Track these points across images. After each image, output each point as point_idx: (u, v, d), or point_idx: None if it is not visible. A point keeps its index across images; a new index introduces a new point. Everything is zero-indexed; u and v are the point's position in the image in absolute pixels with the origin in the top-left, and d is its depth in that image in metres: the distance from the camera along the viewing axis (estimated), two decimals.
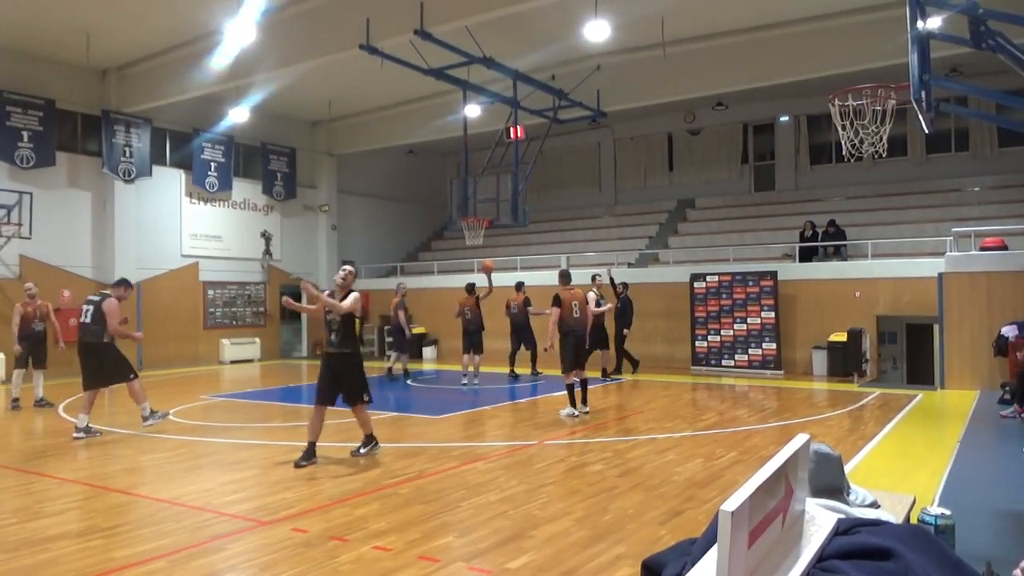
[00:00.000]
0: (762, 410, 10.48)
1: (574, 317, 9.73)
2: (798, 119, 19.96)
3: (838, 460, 2.90)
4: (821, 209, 18.00)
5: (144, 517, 5.48)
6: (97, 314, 8.79)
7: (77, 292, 16.28)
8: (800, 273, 15.26)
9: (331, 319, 7.23)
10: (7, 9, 13.32)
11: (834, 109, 8.62)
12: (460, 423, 9.69)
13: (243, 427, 9.26)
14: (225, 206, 19.53)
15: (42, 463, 7.35)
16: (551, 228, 22.37)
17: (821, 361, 14.42)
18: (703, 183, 21.33)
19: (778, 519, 1.96)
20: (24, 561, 4.52)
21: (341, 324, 7.22)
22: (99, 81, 16.94)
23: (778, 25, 14.28)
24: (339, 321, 7.20)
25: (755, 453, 7.38)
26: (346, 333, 7.24)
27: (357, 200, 23.33)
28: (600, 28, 12.60)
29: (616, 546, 4.65)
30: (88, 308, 8.94)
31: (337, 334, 7.23)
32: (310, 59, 13.85)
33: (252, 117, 18.45)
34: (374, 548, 4.66)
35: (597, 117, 16.84)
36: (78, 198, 16.66)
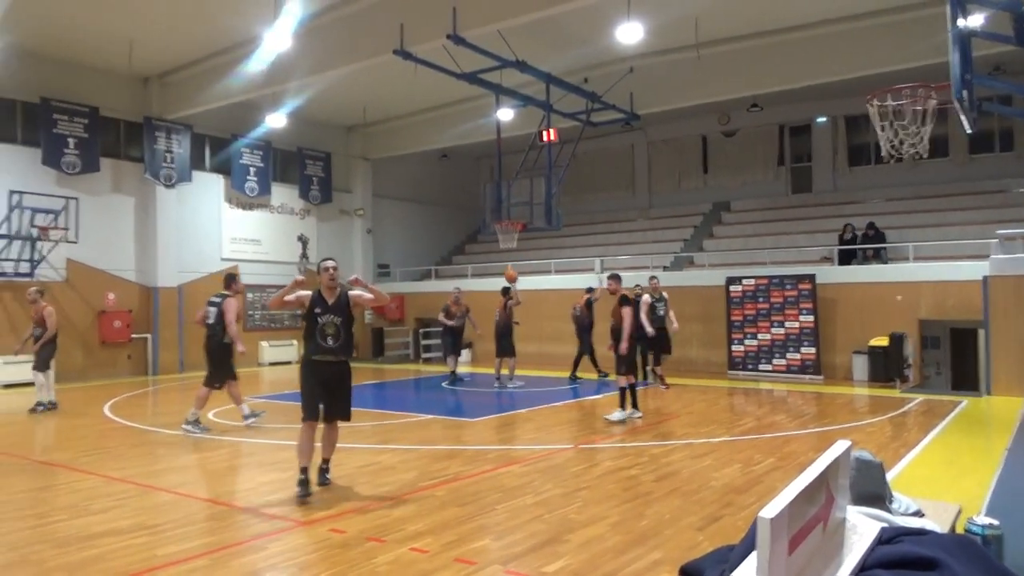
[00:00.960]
0: (801, 415, 10.34)
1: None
2: (836, 120, 19.65)
3: (880, 467, 2.86)
4: (860, 211, 17.69)
5: (186, 516, 5.60)
6: (219, 315, 9.28)
7: (121, 295, 16.74)
8: (839, 276, 15.01)
9: (328, 320, 6.19)
10: (54, 21, 13.72)
11: (873, 109, 8.48)
12: (495, 426, 9.71)
13: (281, 428, 9.40)
14: (263, 210, 19.84)
15: (90, 462, 7.54)
16: (585, 231, 22.31)
17: (862, 366, 14.16)
18: (738, 185, 21.10)
19: (818, 527, 1.95)
20: (72, 557, 4.65)
21: (344, 326, 6.25)
22: (141, 89, 17.34)
23: (815, 24, 14.08)
24: (341, 323, 6.23)
25: (794, 459, 7.28)
26: (349, 337, 6.31)
27: (392, 204, 23.54)
28: (633, 30, 12.55)
29: (653, 552, 4.63)
30: (212, 310, 9.44)
31: (336, 338, 6.21)
32: (345, 65, 14.02)
33: (289, 122, 18.72)
34: (411, 550, 4.70)
35: (630, 120, 16.78)
36: (122, 203, 17.06)
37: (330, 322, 6.18)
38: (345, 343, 6.26)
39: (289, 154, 20.56)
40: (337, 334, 6.20)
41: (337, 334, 6.20)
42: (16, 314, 15.04)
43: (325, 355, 6.18)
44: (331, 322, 6.18)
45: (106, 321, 16.31)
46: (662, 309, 13.41)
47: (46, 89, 15.59)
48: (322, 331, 6.16)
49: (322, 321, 6.16)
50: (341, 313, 6.23)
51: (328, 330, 6.17)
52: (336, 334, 6.20)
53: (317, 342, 6.17)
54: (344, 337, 6.23)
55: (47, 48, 15.17)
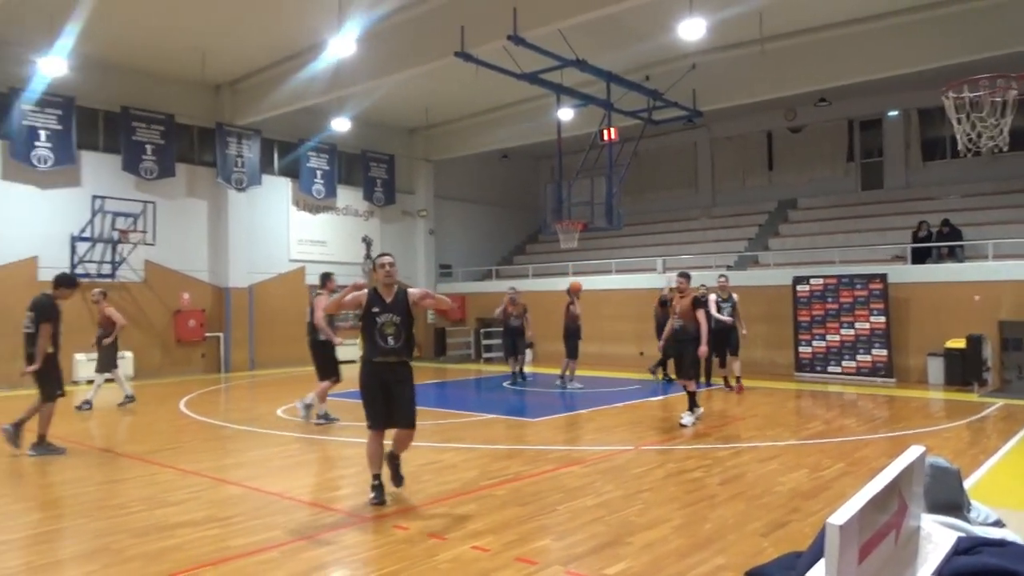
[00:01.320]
0: (872, 420, 10.02)
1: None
2: (908, 113, 18.94)
3: (957, 474, 2.75)
4: (935, 208, 17.01)
5: (257, 508, 5.78)
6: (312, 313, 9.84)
7: (195, 295, 17.38)
8: (913, 276, 14.47)
9: (387, 320, 5.81)
10: (132, 33, 14.33)
11: (948, 102, 8.17)
12: (556, 426, 9.72)
13: (347, 426, 9.61)
14: (329, 212, 20.30)
15: (166, 455, 7.86)
16: (646, 231, 22.09)
17: (937, 369, 13.62)
18: (805, 182, 20.56)
19: (891, 535, 1.89)
20: (151, 546, 4.85)
21: (404, 325, 5.85)
22: (213, 96, 17.96)
23: (885, 15, 13.61)
24: (400, 322, 5.84)
25: (865, 465, 7.06)
26: (409, 336, 5.93)
27: (453, 205, 23.78)
28: (695, 26, 12.36)
29: (716, 556, 4.56)
30: (308, 310, 10.06)
31: (397, 338, 5.82)
32: (407, 68, 14.23)
33: (353, 126, 19.10)
34: (472, 548, 4.75)
35: (693, 117, 16.54)
36: (195, 206, 17.71)
37: (389, 321, 5.79)
38: (406, 343, 5.85)
39: (353, 157, 20.99)
40: (397, 334, 5.80)
41: (397, 334, 5.80)
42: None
43: (385, 356, 5.78)
44: (390, 321, 5.80)
45: (181, 320, 16.96)
46: (728, 310, 13.06)
47: (125, 98, 16.31)
48: (381, 331, 5.78)
49: (380, 320, 5.78)
50: (400, 312, 5.84)
51: (387, 330, 5.78)
52: (396, 334, 5.80)
53: (376, 343, 5.78)
54: (404, 337, 5.83)
55: (126, 59, 15.87)
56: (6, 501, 6.20)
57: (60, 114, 15.21)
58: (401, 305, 5.88)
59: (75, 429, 9.85)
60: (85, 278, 15.56)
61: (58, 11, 12.67)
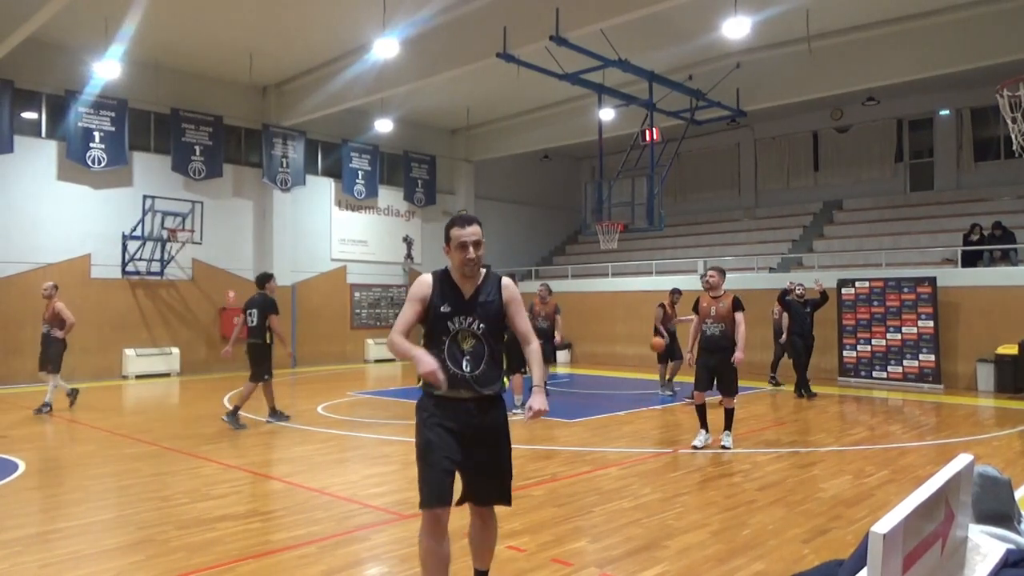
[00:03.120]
0: (918, 427, 9.76)
1: None
2: (960, 112, 18.42)
3: (1007, 484, 2.67)
4: (987, 210, 16.52)
5: (297, 504, 5.87)
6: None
7: (241, 293, 17.71)
8: (963, 279, 14.07)
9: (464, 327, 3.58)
10: (182, 37, 14.69)
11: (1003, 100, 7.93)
12: (594, 428, 9.67)
13: (386, 423, 9.71)
14: (370, 212, 20.53)
15: (210, 450, 8.03)
16: (688, 232, 21.88)
17: (987, 375, 13.22)
18: (852, 183, 20.15)
19: (936, 545, 1.84)
20: (194, 538, 4.97)
21: (489, 338, 3.60)
22: (260, 98, 18.30)
23: (936, 12, 13.27)
24: (485, 332, 3.59)
25: (910, 473, 6.89)
26: (497, 357, 3.67)
27: (493, 205, 23.85)
28: (739, 25, 12.21)
29: (755, 563, 4.49)
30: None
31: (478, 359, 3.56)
32: (449, 69, 14.31)
33: (395, 127, 19.29)
34: (508, 548, 4.75)
35: (737, 117, 16.34)
36: (242, 206, 18.07)
37: (467, 330, 3.54)
38: (489, 368, 3.55)
39: (395, 157, 21.19)
40: (479, 352, 3.52)
41: (479, 352, 3.52)
42: (148, 310, 16.20)
43: (458, 389, 3.49)
44: (469, 331, 3.54)
45: (227, 317, 17.31)
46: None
47: (175, 100, 16.71)
48: (452, 345, 3.52)
49: (453, 327, 3.52)
50: (487, 316, 3.55)
51: (464, 344, 3.53)
52: (477, 352, 3.52)
53: (443, 366, 3.43)
54: (489, 357, 3.55)
55: (177, 62, 16.27)
56: (58, 491, 6.40)
57: (113, 116, 15.66)
58: (491, 308, 3.57)
59: (123, 423, 10.13)
60: (135, 276, 16.02)
61: (112, 16, 13.05)
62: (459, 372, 3.52)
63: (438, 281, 3.63)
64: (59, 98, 15.15)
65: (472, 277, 3.61)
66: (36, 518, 5.62)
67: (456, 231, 3.55)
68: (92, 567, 4.45)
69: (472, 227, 3.55)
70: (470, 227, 3.55)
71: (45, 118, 15.25)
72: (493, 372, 3.59)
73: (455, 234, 3.55)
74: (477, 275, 3.62)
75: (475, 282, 3.61)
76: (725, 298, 8.11)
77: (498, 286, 3.65)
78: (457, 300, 3.58)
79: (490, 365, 3.57)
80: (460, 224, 3.56)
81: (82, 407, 11.19)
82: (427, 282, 3.64)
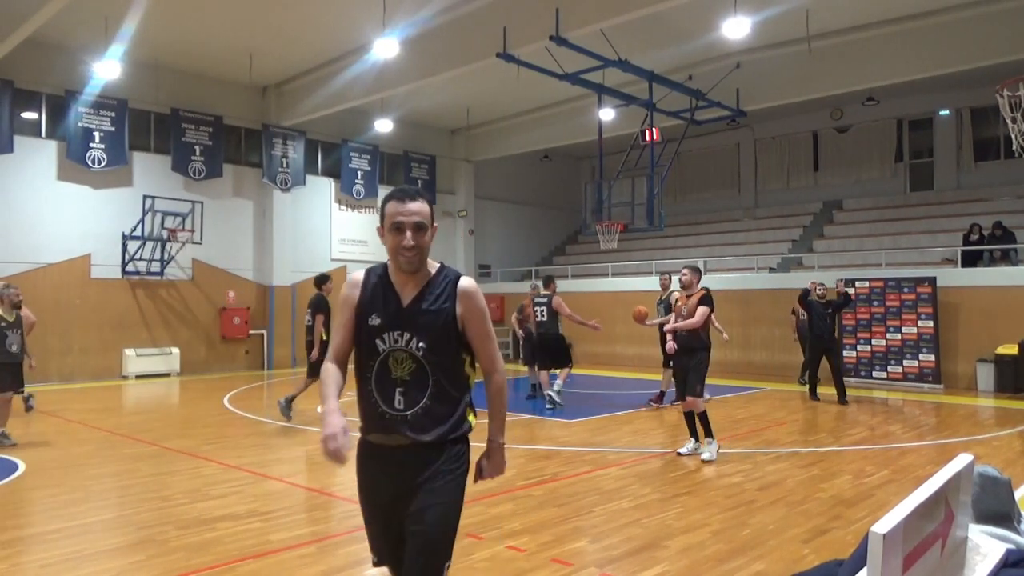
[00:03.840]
0: (918, 427, 9.76)
1: (714, 327, 8.11)
2: (960, 112, 18.42)
3: (1007, 484, 2.67)
4: (987, 210, 16.52)
5: (297, 504, 5.87)
6: (551, 312, 11.21)
7: (240, 293, 17.72)
8: (963, 279, 14.07)
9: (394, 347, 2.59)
10: (183, 37, 14.68)
11: (1003, 100, 7.93)
12: (594, 428, 9.67)
13: None
14: (370, 212, 20.53)
15: (210, 450, 8.03)
16: (688, 232, 21.88)
17: (987, 376, 13.22)
18: (852, 183, 20.15)
19: (936, 544, 1.84)
20: (194, 538, 4.97)
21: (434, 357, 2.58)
22: (260, 98, 18.30)
23: (936, 12, 13.27)
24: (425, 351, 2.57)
25: (910, 473, 6.89)
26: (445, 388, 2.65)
27: (493, 205, 23.85)
28: (739, 25, 12.22)
29: (755, 562, 4.49)
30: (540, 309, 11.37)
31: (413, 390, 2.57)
32: (450, 69, 14.30)
33: (395, 127, 19.29)
34: (508, 548, 4.76)
35: (736, 117, 16.34)
36: (241, 206, 18.06)
37: (403, 350, 2.56)
38: (436, 405, 2.56)
39: (395, 157, 21.19)
40: (419, 382, 2.55)
41: (419, 382, 2.55)
42: (148, 310, 16.20)
43: (390, 434, 2.56)
44: (405, 351, 2.55)
45: (226, 318, 17.32)
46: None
47: (176, 100, 16.71)
48: (382, 372, 2.58)
49: (383, 346, 2.57)
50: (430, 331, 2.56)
51: (397, 369, 2.56)
52: (417, 381, 2.55)
53: (371, 401, 2.58)
54: (435, 390, 2.55)
55: (177, 62, 16.26)
56: (58, 491, 6.40)
57: (113, 116, 15.65)
58: (437, 317, 2.57)
59: (123, 423, 10.13)
60: (135, 276, 16.02)
61: (112, 16, 13.04)
62: (388, 411, 2.52)
63: (370, 282, 2.64)
64: (59, 98, 15.14)
65: (414, 275, 2.58)
66: (36, 518, 5.62)
67: (391, 207, 2.56)
68: (92, 567, 4.45)
69: (414, 203, 2.56)
70: (411, 203, 2.55)
71: (45, 118, 15.25)
72: (441, 410, 2.53)
73: (389, 211, 2.56)
74: (423, 273, 2.59)
75: (419, 283, 2.59)
76: (696, 296, 7.81)
77: (452, 290, 2.57)
78: (391, 308, 2.56)
79: (437, 401, 2.52)
80: (398, 198, 2.56)
81: (82, 407, 11.18)
82: (356, 282, 2.66)
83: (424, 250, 2.59)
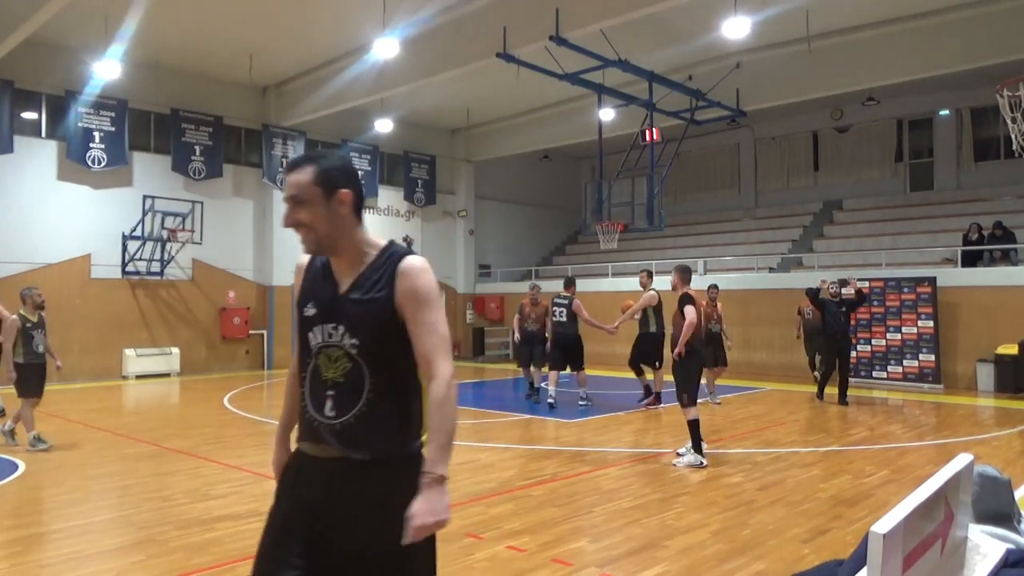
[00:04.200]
0: (918, 426, 9.77)
1: (702, 328, 7.76)
2: (960, 112, 18.42)
3: (1007, 484, 2.67)
4: (987, 210, 16.52)
5: None
6: (570, 314, 11.22)
7: (240, 293, 17.72)
8: (963, 279, 14.07)
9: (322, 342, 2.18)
10: (183, 37, 14.68)
11: (1003, 100, 7.94)
12: (594, 428, 9.67)
13: None
14: (370, 212, 20.53)
15: (210, 450, 8.03)
16: (688, 232, 21.88)
17: (987, 376, 13.23)
18: (852, 183, 20.15)
19: (936, 544, 1.84)
20: (194, 538, 4.96)
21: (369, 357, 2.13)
22: (260, 98, 18.30)
23: (936, 12, 13.26)
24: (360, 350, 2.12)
25: (910, 472, 6.90)
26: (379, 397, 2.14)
27: (493, 205, 23.85)
28: (739, 25, 12.21)
29: (755, 563, 4.49)
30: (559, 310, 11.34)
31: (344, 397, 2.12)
32: (449, 69, 14.30)
33: (395, 127, 19.28)
34: (508, 548, 4.75)
35: (737, 117, 16.34)
36: (241, 206, 18.06)
37: (336, 346, 2.14)
38: (372, 412, 2.10)
39: (395, 157, 21.19)
40: (353, 384, 2.11)
41: (353, 384, 2.11)
42: (148, 310, 16.20)
43: (319, 443, 2.14)
44: (339, 347, 2.14)
45: (227, 318, 17.32)
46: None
47: (176, 100, 16.71)
48: (314, 373, 2.18)
49: (316, 341, 2.18)
50: (362, 323, 2.12)
51: (329, 370, 2.15)
52: (350, 383, 2.11)
53: (303, 405, 2.21)
54: (373, 394, 2.10)
55: (177, 62, 16.26)
56: (58, 491, 6.40)
57: (113, 116, 15.65)
58: (370, 307, 2.13)
59: (123, 423, 10.13)
60: (135, 276, 16.02)
61: (112, 16, 13.04)
62: (318, 418, 2.11)
63: (315, 266, 2.27)
64: (59, 98, 15.14)
65: (349, 258, 2.17)
66: (36, 518, 5.62)
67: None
68: (92, 567, 4.45)
69: (296, 174, 2.14)
70: (291, 174, 2.14)
71: (45, 118, 15.25)
72: (379, 421, 2.07)
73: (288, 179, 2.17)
74: (358, 255, 2.17)
75: (357, 267, 2.17)
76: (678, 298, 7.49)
77: (391, 273, 2.12)
78: (327, 296, 2.18)
79: (374, 409, 2.07)
80: (288, 169, 2.18)
81: (83, 407, 11.18)
82: (301, 267, 2.31)
83: (316, 228, 2.13)
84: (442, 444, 2.05)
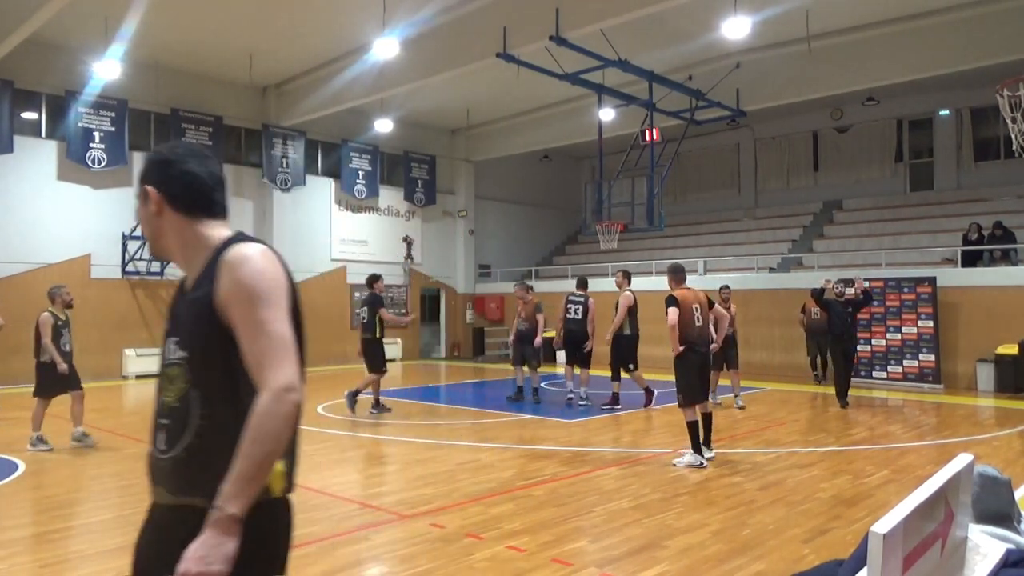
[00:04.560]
0: (918, 426, 9.77)
1: (696, 327, 7.45)
2: (960, 112, 18.42)
3: (1007, 484, 2.67)
4: (987, 210, 16.51)
5: (297, 504, 5.84)
6: (585, 312, 11.43)
7: None
8: (963, 279, 14.07)
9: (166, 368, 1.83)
10: (183, 37, 14.68)
11: (1003, 100, 7.94)
12: (593, 428, 9.67)
13: (385, 423, 9.70)
14: (370, 212, 20.53)
15: None
16: (688, 232, 21.88)
17: (987, 375, 13.22)
18: (852, 183, 20.15)
19: (936, 544, 1.84)
20: None
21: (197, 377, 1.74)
22: (260, 98, 18.29)
23: (936, 12, 13.26)
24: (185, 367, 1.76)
25: (910, 472, 6.89)
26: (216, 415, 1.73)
27: (493, 205, 23.85)
28: (739, 24, 12.21)
29: (755, 563, 4.49)
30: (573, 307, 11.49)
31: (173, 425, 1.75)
32: (449, 69, 14.30)
33: (395, 127, 19.28)
34: (508, 548, 4.75)
35: (736, 117, 16.35)
36: (241, 207, 18.05)
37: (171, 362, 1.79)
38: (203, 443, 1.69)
39: (395, 157, 21.18)
40: (185, 407, 1.72)
41: (185, 407, 1.72)
42: (148, 310, 16.19)
43: (152, 483, 1.81)
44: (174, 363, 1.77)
45: None
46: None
47: (176, 101, 16.70)
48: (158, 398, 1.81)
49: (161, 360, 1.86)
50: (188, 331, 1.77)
51: (165, 392, 1.78)
52: (184, 406, 1.72)
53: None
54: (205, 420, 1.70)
55: (177, 62, 16.26)
56: (58, 491, 6.40)
57: (113, 116, 15.64)
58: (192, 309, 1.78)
59: (123, 423, 10.13)
60: (135, 276, 16.02)
61: (112, 16, 13.04)
62: (152, 452, 1.80)
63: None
64: (59, 98, 15.14)
65: (189, 260, 1.88)
66: (36, 518, 5.62)
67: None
68: (92, 567, 4.45)
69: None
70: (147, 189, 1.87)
71: (45, 118, 15.24)
72: (212, 457, 1.66)
73: None
74: (200, 255, 1.85)
75: (196, 267, 1.85)
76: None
77: (214, 266, 1.78)
78: (173, 306, 1.91)
79: (206, 439, 1.69)
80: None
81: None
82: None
83: (144, 231, 1.90)
84: (246, 473, 1.57)
